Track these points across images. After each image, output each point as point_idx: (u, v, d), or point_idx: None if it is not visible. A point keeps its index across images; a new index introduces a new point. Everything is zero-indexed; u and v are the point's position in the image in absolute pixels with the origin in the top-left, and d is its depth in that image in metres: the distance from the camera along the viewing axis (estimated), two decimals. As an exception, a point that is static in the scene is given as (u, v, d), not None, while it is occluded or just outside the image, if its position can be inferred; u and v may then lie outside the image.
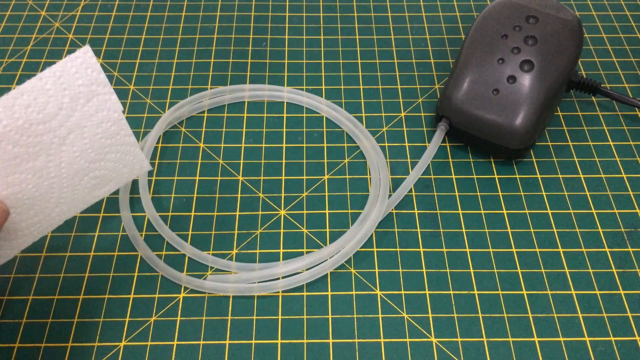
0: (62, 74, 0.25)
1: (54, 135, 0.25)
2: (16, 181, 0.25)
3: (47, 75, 0.24)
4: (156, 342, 0.30)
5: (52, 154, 0.26)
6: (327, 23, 0.45)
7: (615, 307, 0.31)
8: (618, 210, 0.35)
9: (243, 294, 0.31)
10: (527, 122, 0.34)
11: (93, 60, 0.25)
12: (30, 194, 0.26)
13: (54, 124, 0.25)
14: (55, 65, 0.24)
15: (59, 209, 0.28)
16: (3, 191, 0.25)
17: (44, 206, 0.27)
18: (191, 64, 0.42)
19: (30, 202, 0.26)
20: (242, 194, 0.35)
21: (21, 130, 0.24)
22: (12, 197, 0.25)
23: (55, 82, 0.25)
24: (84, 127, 0.26)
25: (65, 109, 0.25)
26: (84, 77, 0.25)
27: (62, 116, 0.25)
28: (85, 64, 0.25)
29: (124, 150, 0.29)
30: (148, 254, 0.32)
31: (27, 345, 0.29)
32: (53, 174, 0.26)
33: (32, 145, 0.25)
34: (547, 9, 0.37)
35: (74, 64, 0.25)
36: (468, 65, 0.36)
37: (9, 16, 0.45)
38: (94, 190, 0.29)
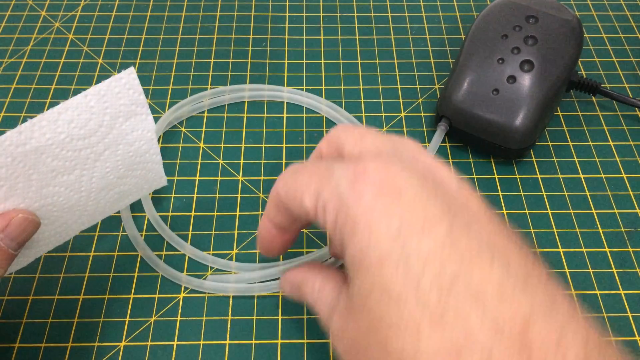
0: (106, 92, 0.25)
1: (91, 151, 0.26)
2: (49, 193, 0.25)
3: (91, 93, 0.25)
4: (156, 342, 0.30)
5: (86, 169, 0.26)
6: (327, 23, 0.45)
7: (615, 307, 0.31)
8: (618, 210, 0.35)
9: (243, 294, 0.31)
10: (527, 122, 0.34)
11: (136, 82, 0.26)
12: (59, 207, 0.26)
13: (92, 140, 0.26)
14: (100, 83, 0.25)
15: (80, 220, 0.28)
16: (35, 203, 0.25)
17: (69, 218, 0.27)
18: (191, 64, 0.42)
19: (58, 214, 0.27)
20: (242, 194, 0.35)
21: (62, 145, 0.25)
22: (42, 209, 0.26)
23: (99, 100, 0.25)
24: (119, 144, 0.27)
25: (105, 127, 0.26)
26: (126, 97, 0.26)
27: (101, 133, 0.26)
28: (128, 85, 0.26)
29: (150, 167, 0.29)
30: (148, 254, 0.32)
31: (27, 345, 0.29)
32: (84, 187, 0.27)
33: (70, 159, 0.25)
34: (547, 9, 0.37)
35: (118, 84, 0.26)
36: (468, 65, 0.36)
37: (9, 16, 0.45)
38: (114, 204, 0.30)
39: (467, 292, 0.17)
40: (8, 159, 0.23)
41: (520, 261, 0.19)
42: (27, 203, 0.25)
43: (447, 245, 0.18)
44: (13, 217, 0.24)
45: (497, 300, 0.17)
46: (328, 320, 0.22)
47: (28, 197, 0.25)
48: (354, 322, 0.20)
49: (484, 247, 0.18)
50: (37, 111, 0.39)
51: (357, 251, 0.19)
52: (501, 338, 0.17)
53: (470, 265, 0.18)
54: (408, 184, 0.19)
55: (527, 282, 0.18)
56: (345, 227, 0.19)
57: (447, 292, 0.17)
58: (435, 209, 0.19)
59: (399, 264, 0.18)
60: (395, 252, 0.18)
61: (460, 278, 0.17)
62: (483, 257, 0.18)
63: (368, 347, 0.19)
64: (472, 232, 0.19)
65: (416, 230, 0.18)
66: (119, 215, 0.34)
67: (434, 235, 0.18)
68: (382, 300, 0.18)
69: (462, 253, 0.18)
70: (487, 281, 0.17)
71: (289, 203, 0.22)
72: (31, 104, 0.39)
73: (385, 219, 0.19)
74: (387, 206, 0.19)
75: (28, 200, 0.25)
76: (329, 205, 0.20)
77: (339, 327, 0.21)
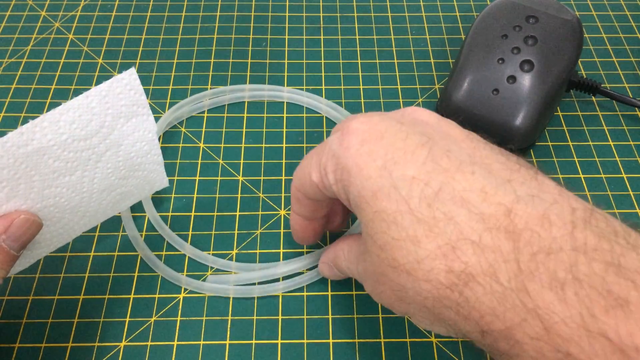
0: (108, 93, 0.25)
1: (92, 151, 0.26)
2: (51, 194, 0.25)
3: (93, 93, 0.25)
4: (156, 342, 0.30)
5: (88, 170, 0.26)
6: (327, 23, 0.45)
7: (615, 307, 0.31)
8: (618, 210, 0.35)
9: (243, 295, 0.31)
10: (527, 122, 0.34)
11: (137, 83, 0.26)
12: (61, 208, 0.26)
13: (94, 141, 0.26)
14: (101, 84, 0.25)
15: (82, 221, 0.28)
16: (37, 204, 0.25)
17: (70, 219, 0.27)
18: (191, 64, 0.42)
19: (60, 215, 0.27)
20: (242, 194, 0.35)
21: (64, 145, 0.25)
22: (44, 210, 0.26)
23: (100, 101, 0.25)
24: (121, 145, 0.27)
25: (106, 127, 0.26)
26: (127, 98, 0.26)
27: (103, 134, 0.26)
28: (130, 86, 0.26)
29: (151, 168, 0.29)
30: (148, 255, 0.32)
31: (27, 345, 0.29)
32: (85, 188, 0.27)
33: (71, 160, 0.25)
34: (547, 9, 0.37)
35: (119, 85, 0.25)
36: (468, 65, 0.36)
37: (9, 16, 0.45)
38: (116, 205, 0.30)
39: (452, 199, 0.19)
40: (10, 160, 0.23)
41: (502, 167, 0.20)
42: (29, 204, 0.25)
43: (428, 166, 0.20)
44: (15, 218, 0.24)
45: (480, 199, 0.19)
46: (358, 271, 0.25)
47: (30, 199, 0.25)
48: (370, 258, 0.22)
49: (465, 161, 0.20)
50: (37, 111, 0.39)
51: (356, 192, 0.21)
52: (487, 227, 0.19)
53: (452, 177, 0.20)
54: (388, 127, 0.22)
55: (510, 180, 0.20)
56: (343, 178, 0.22)
57: (433, 202, 0.19)
58: (414, 141, 0.21)
59: (389, 191, 0.20)
60: (384, 182, 0.20)
61: (444, 189, 0.20)
62: (464, 169, 0.20)
63: (383, 273, 0.21)
64: (453, 153, 0.21)
65: (399, 160, 0.21)
66: (119, 216, 0.34)
67: (416, 160, 0.20)
68: (382, 225, 0.20)
69: (444, 169, 0.20)
70: (469, 187, 0.19)
71: (304, 187, 0.25)
72: (31, 104, 0.39)
73: (371, 158, 0.21)
74: (372, 149, 0.21)
75: (30, 201, 0.25)
76: (328, 165, 0.23)
77: (362, 269, 0.24)
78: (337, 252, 0.28)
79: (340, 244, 0.28)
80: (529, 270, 0.18)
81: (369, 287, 0.24)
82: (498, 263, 0.18)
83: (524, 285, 0.17)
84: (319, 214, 0.28)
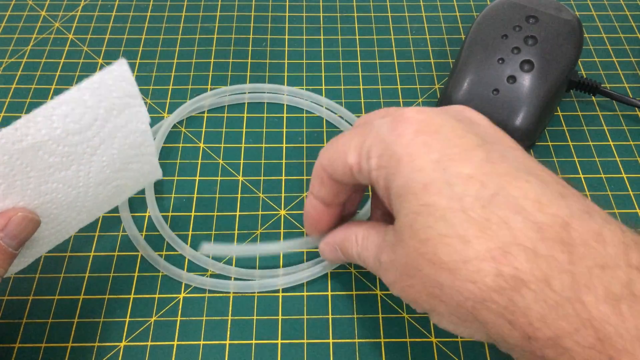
0: (100, 85, 0.25)
1: (87, 145, 0.26)
2: (48, 190, 0.25)
3: (85, 86, 0.25)
4: (156, 342, 0.30)
5: (83, 164, 0.26)
6: (327, 23, 0.45)
7: (615, 307, 0.31)
8: (618, 210, 0.35)
9: (243, 290, 0.31)
10: (527, 122, 0.34)
11: (128, 74, 0.26)
12: (58, 204, 0.26)
13: (88, 135, 0.25)
14: (93, 76, 0.25)
15: (79, 217, 0.28)
16: (35, 200, 0.25)
17: (68, 215, 0.27)
18: (191, 64, 0.42)
19: (58, 211, 0.26)
20: (242, 194, 0.35)
21: (58, 140, 0.24)
22: (42, 207, 0.25)
23: (92, 94, 0.25)
24: (115, 137, 0.27)
25: (100, 120, 0.26)
26: (119, 90, 0.26)
27: (97, 127, 0.26)
28: (121, 77, 0.26)
29: (145, 160, 0.29)
30: (149, 253, 0.32)
31: (27, 345, 0.29)
32: (81, 183, 0.27)
33: (66, 154, 0.25)
34: (547, 9, 0.37)
35: (111, 76, 0.25)
36: (468, 65, 0.36)
37: (9, 16, 0.45)
38: (112, 199, 0.30)
39: (507, 203, 0.19)
40: (5, 157, 0.23)
41: (555, 181, 0.20)
42: (26, 201, 0.25)
43: (485, 168, 0.20)
44: (12, 215, 0.24)
45: (536, 209, 0.19)
46: (375, 260, 0.24)
47: (27, 195, 0.24)
48: (402, 249, 0.21)
49: (521, 169, 0.20)
50: (37, 111, 0.39)
51: (402, 182, 0.21)
52: (543, 237, 0.19)
53: (509, 183, 0.20)
54: (445, 122, 0.21)
55: (563, 195, 0.20)
56: (390, 165, 0.21)
57: (488, 205, 0.19)
58: (471, 141, 0.21)
59: (442, 186, 0.20)
60: (437, 177, 0.20)
61: (500, 193, 0.19)
62: (520, 176, 0.20)
63: (418, 267, 0.21)
64: (509, 158, 0.21)
65: (455, 157, 0.20)
66: (119, 216, 0.34)
67: (473, 160, 0.20)
68: (429, 220, 0.20)
69: (500, 173, 0.20)
70: (525, 195, 0.19)
71: (333, 166, 0.25)
72: (31, 104, 0.39)
73: (426, 150, 0.21)
74: (427, 141, 0.21)
75: (27, 198, 0.25)
76: (373, 150, 0.22)
77: (388, 260, 0.23)
78: (349, 236, 0.27)
79: (354, 229, 0.27)
80: (585, 282, 0.18)
81: (392, 278, 0.23)
82: (553, 272, 0.18)
83: (579, 296, 0.18)
84: (339, 198, 0.27)
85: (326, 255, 0.29)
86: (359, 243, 0.26)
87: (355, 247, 0.26)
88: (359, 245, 0.26)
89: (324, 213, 0.28)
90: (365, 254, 0.25)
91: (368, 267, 0.26)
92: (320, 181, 0.26)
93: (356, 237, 0.26)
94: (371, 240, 0.25)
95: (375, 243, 0.25)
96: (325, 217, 0.28)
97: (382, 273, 0.24)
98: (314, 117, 0.39)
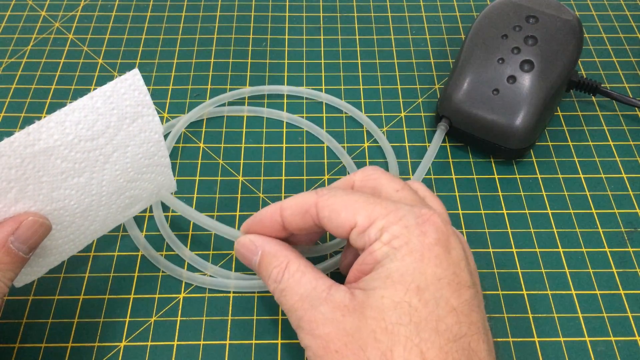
0: (112, 94, 0.25)
1: (99, 152, 0.26)
2: (60, 197, 0.25)
3: (97, 94, 0.25)
4: (156, 342, 0.30)
5: (96, 171, 0.26)
6: (327, 23, 0.45)
7: (615, 307, 0.31)
8: (618, 210, 0.35)
9: (243, 289, 0.31)
10: (527, 122, 0.34)
11: (141, 83, 0.26)
12: (71, 211, 0.26)
13: (100, 142, 0.26)
14: (106, 85, 0.25)
15: (93, 227, 0.28)
16: (47, 206, 0.25)
17: (81, 224, 0.27)
18: (191, 64, 0.42)
19: (70, 219, 0.26)
20: (242, 194, 0.35)
21: (70, 146, 0.25)
22: (54, 213, 0.26)
23: (105, 102, 0.25)
24: (128, 146, 0.27)
25: (112, 128, 0.26)
26: (132, 99, 0.26)
27: (109, 134, 0.26)
28: (134, 86, 0.26)
29: (159, 171, 0.29)
30: (149, 252, 0.32)
31: (27, 345, 0.29)
32: (94, 191, 0.27)
33: (79, 161, 0.25)
34: (547, 9, 0.37)
35: (123, 85, 0.26)
36: (468, 65, 0.36)
37: (9, 16, 0.45)
38: (126, 210, 0.30)
39: (464, 352, 0.22)
40: (17, 160, 0.23)
41: None
42: (38, 206, 0.25)
43: (465, 310, 0.23)
44: (23, 219, 0.24)
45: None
46: (310, 307, 0.24)
47: (39, 200, 0.25)
48: (359, 319, 0.23)
49: (482, 326, 0.23)
50: (37, 111, 0.39)
51: (402, 270, 0.23)
52: None
53: (475, 333, 0.23)
54: (456, 246, 0.24)
55: None
56: (400, 249, 0.23)
57: (448, 343, 0.22)
58: (466, 277, 0.24)
59: (429, 302, 0.22)
60: (432, 292, 0.22)
61: (463, 339, 0.22)
62: (480, 331, 0.23)
63: (359, 340, 0.22)
64: (480, 310, 0.24)
65: (452, 287, 0.23)
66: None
67: (462, 297, 0.23)
68: (400, 319, 0.22)
69: (472, 322, 0.23)
70: (481, 348, 0.23)
71: (329, 216, 0.25)
72: (31, 104, 0.39)
73: (436, 263, 0.23)
74: (442, 254, 0.23)
75: (39, 203, 0.25)
76: (392, 228, 0.24)
77: (330, 317, 0.23)
78: (279, 255, 0.26)
79: (289, 254, 0.26)
80: None
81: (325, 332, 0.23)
82: None
83: None
84: (300, 232, 0.27)
85: (241, 252, 0.28)
86: (290, 271, 0.25)
87: (280, 271, 0.25)
88: (290, 273, 0.25)
89: (274, 230, 0.27)
90: (295, 288, 0.25)
91: (283, 297, 0.25)
92: (302, 213, 0.26)
93: (289, 263, 0.25)
94: (307, 280, 0.25)
95: (311, 286, 0.24)
96: (271, 233, 0.28)
97: (302, 314, 0.24)
98: (314, 117, 0.39)
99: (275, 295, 0.26)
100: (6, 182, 0.23)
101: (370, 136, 0.38)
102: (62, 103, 0.38)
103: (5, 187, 0.23)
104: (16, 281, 0.26)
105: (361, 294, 0.23)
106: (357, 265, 0.25)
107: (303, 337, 0.24)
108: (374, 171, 0.27)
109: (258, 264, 0.27)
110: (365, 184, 0.27)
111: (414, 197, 0.26)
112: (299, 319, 0.24)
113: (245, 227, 0.29)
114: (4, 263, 0.24)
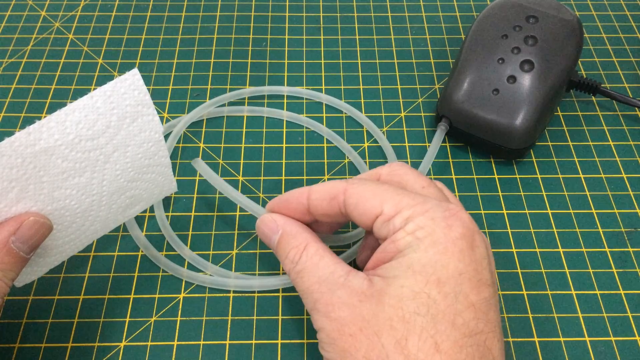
0: (112, 93, 0.25)
1: (100, 152, 0.26)
2: (61, 196, 0.25)
3: (97, 94, 0.25)
4: (156, 342, 0.30)
5: (96, 171, 0.26)
6: (327, 23, 0.45)
7: (615, 307, 0.31)
8: (618, 210, 0.35)
9: (243, 289, 0.31)
10: (527, 122, 0.34)
11: (140, 83, 0.26)
12: (72, 211, 0.26)
13: (101, 141, 0.26)
14: (106, 85, 0.25)
15: (93, 227, 0.28)
16: (48, 206, 0.25)
17: (82, 224, 0.27)
18: (191, 64, 0.42)
19: (71, 219, 0.27)
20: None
21: (71, 145, 0.25)
22: (55, 213, 0.26)
23: (105, 101, 0.25)
24: (128, 146, 0.27)
25: (113, 128, 0.26)
26: (132, 98, 0.26)
27: (109, 134, 0.26)
28: (134, 86, 0.26)
29: (159, 171, 0.29)
30: (150, 251, 0.32)
31: (27, 345, 0.29)
32: (95, 191, 0.27)
33: (79, 160, 0.25)
34: (547, 9, 0.37)
35: (123, 85, 0.26)
36: (468, 65, 0.36)
37: (9, 16, 0.45)
38: (126, 210, 0.30)
39: (479, 348, 0.22)
40: (18, 160, 0.23)
41: None
42: (39, 206, 0.25)
43: (483, 307, 0.23)
44: (25, 219, 0.24)
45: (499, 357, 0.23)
46: (327, 290, 0.24)
47: (40, 200, 0.25)
48: (376, 305, 0.23)
49: (498, 326, 0.23)
50: (37, 111, 0.39)
51: (424, 261, 0.23)
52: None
53: (491, 332, 0.23)
54: (480, 244, 0.24)
55: None
56: (424, 240, 0.23)
57: (464, 338, 0.22)
58: (487, 276, 0.24)
59: (448, 295, 0.22)
60: (452, 286, 0.22)
61: (479, 335, 0.22)
62: (496, 330, 0.23)
63: (375, 326, 0.22)
64: (497, 310, 0.24)
65: (473, 283, 0.23)
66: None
67: (482, 294, 0.23)
68: (418, 309, 0.22)
69: (489, 320, 0.23)
70: (495, 346, 0.23)
71: (357, 202, 0.25)
72: (31, 104, 0.39)
73: (459, 257, 0.23)
74: (465, 249, 0.23)
75: (40, 203, 0.25)
76: (418, 219, 0.24)
77: (347, 302, 0.23)
78: (299, 235, 0.26)
79: (309, 236, 0.26)
80: None
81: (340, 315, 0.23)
82: None
83: None
84: (323, 220, 0.27)
85: (262, 230, 0.28)
86: (308, 253, 0.25)
87: (298, 252, 0.26)
88: (308, 255, 0.25)
89: (299, 212, 0.27)
90: (315, 272, 0.25)
91: (300, 278, 0.25)
92: (329, 200, 0.26)
93: (307, 245, 0.26)
94: (325, 264, 0.25)
95: (329, 270, 0.24)
96: (295, 216, 0.28)
97: (318, 296, 0.24)
98: (314, 117, 0.39)
99: (291, 276, 0.26)
100: (7, 182, 0.23)
101: (370, 136, 0.38)
102: (62, 103, 0.38)
103: (6, 187, 0.23)
104: (16, 281, 0.26)
105: (380, 282, 0.23)
106: (378, 254, 0.25)
107: (317, 319, 0.24)
108: (400, 167, 0.27)
109: (277, 242, 0.27)
110: (391, 179, 0.27)
111: (440, 194, 0.26)
112: (314, 301, 0.24)
113: (270, 206, 0.28)
114: (5, 263, 0.24)
